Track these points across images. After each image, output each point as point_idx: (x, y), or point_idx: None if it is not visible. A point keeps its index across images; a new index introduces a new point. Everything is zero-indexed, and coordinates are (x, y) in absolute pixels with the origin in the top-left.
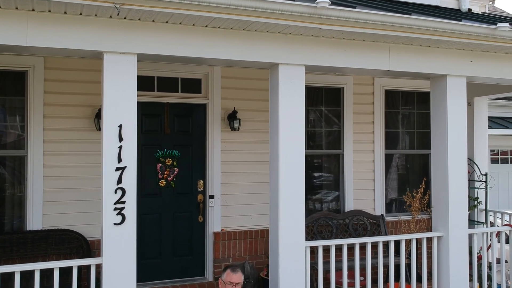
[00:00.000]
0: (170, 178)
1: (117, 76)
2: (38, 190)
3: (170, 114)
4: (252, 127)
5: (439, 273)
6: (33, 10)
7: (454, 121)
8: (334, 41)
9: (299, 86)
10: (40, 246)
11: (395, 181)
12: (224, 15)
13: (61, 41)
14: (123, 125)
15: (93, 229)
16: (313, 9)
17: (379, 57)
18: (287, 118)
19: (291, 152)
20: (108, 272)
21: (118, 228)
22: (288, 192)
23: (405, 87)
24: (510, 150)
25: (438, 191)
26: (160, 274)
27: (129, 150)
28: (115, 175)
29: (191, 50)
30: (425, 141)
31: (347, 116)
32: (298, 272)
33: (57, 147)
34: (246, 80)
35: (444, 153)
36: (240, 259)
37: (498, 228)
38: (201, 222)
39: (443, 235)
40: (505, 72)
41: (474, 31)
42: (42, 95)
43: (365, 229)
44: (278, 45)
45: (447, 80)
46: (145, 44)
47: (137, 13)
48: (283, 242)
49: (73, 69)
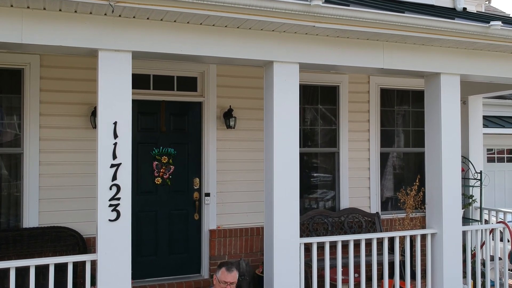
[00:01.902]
0: (166, 176)
1: (112, 73)
2: (34, 187)
3: (166, 112)
4: (248, 125)
5: (433, 270)
6: (28, 8)
7: (448, 119)
8: (328, 39)
9: (294, 84)
10: (36, 243)
11: (391, 179)
12: (219, 13)
13: (56, 38)
14: (118, 122)
15: (89, 227)
16: (307, 7)
17: (373, 55)
18: (281, 116)
19: (286, 149)
20: (103, 269)
21: (113, 225)
22: (282, 189)
23: (400, 85)
24: (507, 149)
25: (432, 188)
26: (156, 271)
27: (124, 147)
28: (110, 172)
29: (186, 48)
30: (420, 139)
31: (343, 114)
32: (293, 268)
33: (53, 145)
34: (242, 78)
35: (438, 151)
36: (236, 257)
37: (492, 225)
38: (197, 220)
39: (437, 232)
40: (498, 70)
41: (467, 29)
42: (38, 93)
43: (360, 227)
44: (272, 43)
45: (440, 78)
46: (140, 41)
47: (131, 11)
48: (277, 238)
49: (69, 67)
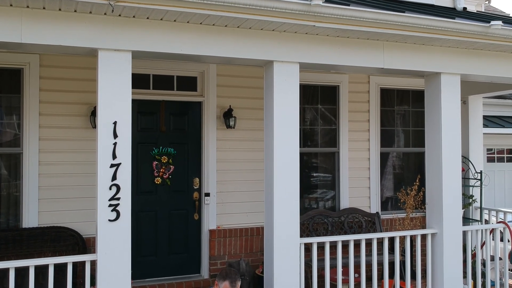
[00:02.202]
0: (165, 176)
1: (112, 73)
2: (33, 187)
3: (166, 112)
4: (248, 125)
5: (433, 270)
6: (28, 7)
7: (448, 119)
8: (329, 38)
9: (294, 83)
10: (35, 243)
11: (391, 179)
12: (219, 12)
13: (55, 38)
14: (117, 121)
15: (89, 227)
16: (307, 7)
17: (373, 55)
18: (281, 116)
19: (286, 149)
20: (103, 269)
21: (113, 225)
22: (282, 189)
23: (401, 85)
24: (507, 149)
25: (432, 188)
26: (156, 271)
27: (124, 147)
28: (109, 172)
29: (186, 47)
30: (420, 139)
31: (343, 114)
32: (293, 268)
33: (53, 144)
34: (242, 78)
35: (438, 150)
36: (236, 257)
37: (492, 225)
38: (197, 220)
39: (437, 232)
40: (499, 70)
41: (467, 29)
42: (37, 93)
43: (360, 227)
44: (272, 42)
45: (441, 78)
46: (140, 41)
47: (131, 10)
48: (277, 238)
49: (69, 66)
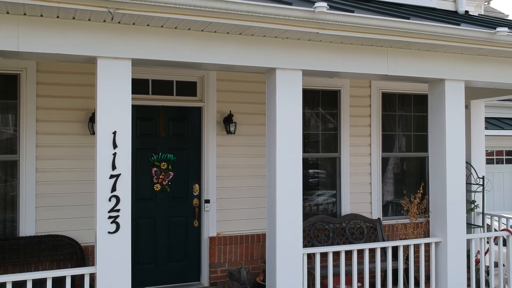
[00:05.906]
0: (165, 182)
1: (111, 82)
2: (30, 195)
3: (165, 118)
4: (248, 131)
5: (437, 278)
6: (25, 15)
7: (452, 126)
8: (332, 45)
9: (297, 91)
10: (33, 252)
11: (392, 184)
12: (220, 19)
13: (53, 46)
14: (117, 131)
15: (87, 235)
16: (311, 14)
17: (377, 62)
18: (284, 124)
19: (289, 158)
20: (102, 282)
21: (113, 237)
22: (285, 199)
23: (402, 89)
24: (505, 151)
25: (436, 196)
26: (155, 279)
27: (124, 157)
28: (109, 183)
29: (187, 55)
30: (422, 144)
31: (344, 118)
32: (295, 279)
33: (50, 151)
34: (242, 83)
35: (442, 159)
36: (236, 264)
37: (496, 233)
38: (197, 227)
39: (441, 241)
40: (503, 76)
41: (473, 36)
42: (34, 99)
43: (362, 233)
44: (275, 49)
45: (445, 85)
46: (140, 49)
47: (131, 18)
48: (280, 250)
49: (66, 72)
